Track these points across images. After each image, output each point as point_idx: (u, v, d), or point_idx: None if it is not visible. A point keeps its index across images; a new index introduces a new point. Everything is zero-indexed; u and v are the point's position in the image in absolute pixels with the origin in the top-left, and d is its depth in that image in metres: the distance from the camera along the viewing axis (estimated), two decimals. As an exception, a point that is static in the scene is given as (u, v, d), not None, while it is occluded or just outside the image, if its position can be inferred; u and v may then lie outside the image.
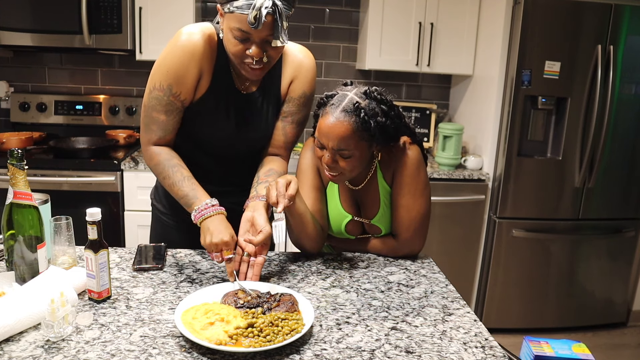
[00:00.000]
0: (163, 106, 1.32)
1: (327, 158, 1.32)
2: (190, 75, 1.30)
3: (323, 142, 1.31)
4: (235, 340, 0.97)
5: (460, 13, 2.99)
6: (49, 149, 2.78)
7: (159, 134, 1.35)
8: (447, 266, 1.85)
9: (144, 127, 1.36)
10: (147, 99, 1.33)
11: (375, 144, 1.33)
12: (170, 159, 1.34)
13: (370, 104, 1.28)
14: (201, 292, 1.15)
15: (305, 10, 3.24)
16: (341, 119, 1.26)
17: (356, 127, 1.26)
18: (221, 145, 1.44)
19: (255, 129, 1.44)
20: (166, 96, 1.31)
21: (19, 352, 0.93)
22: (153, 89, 1.31)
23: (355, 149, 1.29)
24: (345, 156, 1.30)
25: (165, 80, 1.29)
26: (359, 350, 0.99)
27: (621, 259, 2.99)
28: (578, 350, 1.46)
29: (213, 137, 1.42)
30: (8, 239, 1.14)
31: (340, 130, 1.26)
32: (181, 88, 1.30)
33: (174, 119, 1.34)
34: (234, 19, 1.18)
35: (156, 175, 1.38)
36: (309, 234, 1.40)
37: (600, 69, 2.66)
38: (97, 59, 3.14)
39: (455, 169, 2.93)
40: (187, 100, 1.34)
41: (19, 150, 1.10)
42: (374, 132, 1.28)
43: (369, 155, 1.36)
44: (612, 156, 2.81)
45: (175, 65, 1.28)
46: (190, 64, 1.28)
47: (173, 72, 1.29)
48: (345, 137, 1.26)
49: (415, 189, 1.42)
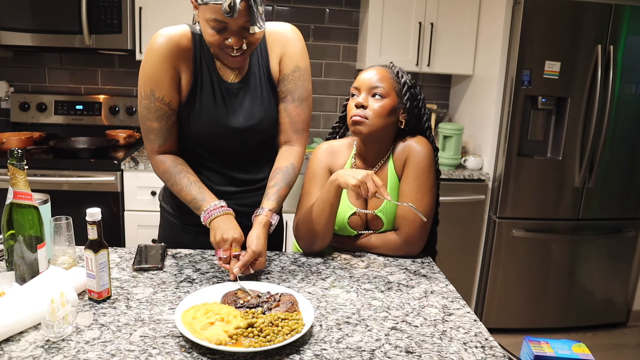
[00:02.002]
0: (153, 113, 1.33)
1: (359, 99, 1.42)
2: (167, 76, 1.31)
3: (360, 85, 1.44)
4: (235, 340, 0.96)
5: (460, 13, 2.99)
6: (49, 149, 2.78)
7: (159, 142, 1.36)
8: (447, 266, 1.85)
9: (145, 138, 1.38)
10: (139, 110, 1.36)
11: (403, 105, 1.45)
12: (175, 165, 1.36)
13: (401, 70, 1.50)
14: (201, 292, 1.15)
15: (305, 10, 3.24)
16: (378, 68, 1.47)
17: (391, 75, 1.46)
18: (225, 142, 1.41)
19: (251, 117, 1.40)
20: (152, 103, 1.32)
21: (19, 352, 0.93)
22: (141, 98, 1.34)
23: (388, 93, 1.43)
24: (379, 96, 1.42)
25: (147, 86, 1.31)
26: (359, 350, 0.99)
27: (621, 259, 2.99)
28: (578, 350, 1.47)
29: (214, 134, 1.39)
30: (8, 239, 1.14)
31: (378, 71, 1.45)
32: (162, 91, 1.31)
33: (167, 124, 1.35)
34: (209, 10, 1.18)
35: (165, 182, 1.40)
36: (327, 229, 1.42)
37: (600, 69, 2.66)
38: (97, 59, 3.15)
39: (455, 169, 2.93)
40: (174, 103, 1.34)
41: (19, 150, 1.10)
42: (404, 86, 1.45)
43: (395, 116, 1.45)
44: (612, 156, 2.81)
45: (152, 69, 1.30)
46: (163, 65, 1.29)
47: (150, 77, 1.30)
48: (382, 77, 1.44)
49: (424, 184, 1.44)
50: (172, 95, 1.33)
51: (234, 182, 1.46)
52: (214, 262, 1.39)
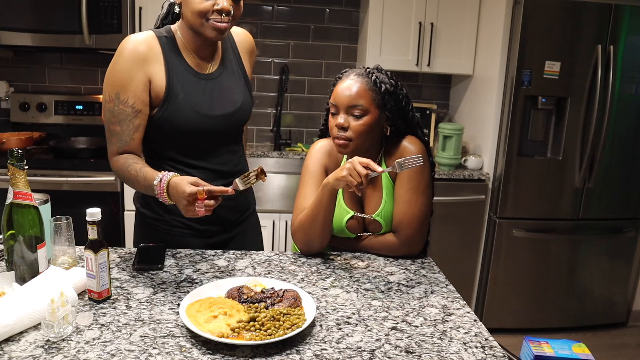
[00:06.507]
0: (115, 117, 1.34)
1: (340, 120, 1.37)
2: (134, 79, 1.32)
3: (337, 103, 1.38)
4: (237, 334, 0.98)
5: (460, 13, 2.99)
6: (49, 149, 2.78)
7: (118, 145, 1.37)
8: (447, 266, 1.85)
9: (107, 141, 1.39)
10: (103, 114, 1.38)
11: (386, 114, 1.40)
12: (126, 160, 1.35)
13: (380, 73, 1.41)
14: (206, 286, 1.17)
15: (305, 10, 3.24)
16: (354, 79, 1.39)
17: (368, 86, 1.37)
18: (208, 133, 1.41)
19: (233, 102, 1.45)
20: (116, 106, 1.33)
21: (19, 352, 0.93)
22: (105, 102, 1.35)
23: (368, 109, 1.36)
24: (358, 115, 1.36)
25: (112, 90, 1.33)
26: (359, 350, 0.99)
27: (621, 259, 2.99)
28: (578, 350, 1.47)
29: (199, 126, 1.39)
30: (8, 239, 1.14)
31: (354, 87, 1.37)
32: (128, 93, 1.32)
33: (128, 127, 1.35)
34: None
35: (123, 181, 1.39)
36: (324, 232, 1.41)
37: (600, 69, 2.66)
38: (97, 59, 3.14)
39: (456, 169, 2.93)
40: (138, 105, 1.34)
41: (19, 150, 1.10)
42: (384, 96, 1.38)
43: (378, 128, 1.41)
44: (612, 156, 2.81)
45: (118, 74, 1.33)
46: (130, 68, 1.32)
47: (116, 81, 1.33)
48: (359, 92, 1.36)
49: (419, 184, 1.43)
50: (137, 96, 1.33)
51: (216, 176, 1.45)
52: (214, 262, 1.39)
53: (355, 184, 1.26)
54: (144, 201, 1.51)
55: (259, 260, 1.42)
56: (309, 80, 3.35)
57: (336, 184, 1.32)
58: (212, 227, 1.51)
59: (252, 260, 1.42)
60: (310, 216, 1.40)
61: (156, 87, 1.35)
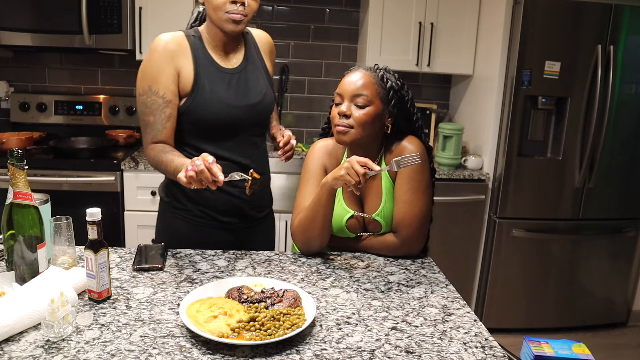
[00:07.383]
0: (148, 107, 1.44)
1: (342, 108, 1.40)
2: (165, 72, 1.42)
3: (342, 92, 1.41)
4: (237, 334, 0.98)
5: (460, 13, 2.99)
6: (49, 149, 2.78)
7: (152, 134, 1.45)
8: (447, 266, 1.85)
9: (142, 133, 1.49)
10: (137, 108, 1.48)
11: (389, 109, 1.42)
12: (163, 148, 1.43)
13: (388, 73, 1.45)
14: (206, 286, 1.17)
15: (305, 10, 3.24)
16: (362, 72, 1.42)
17: (375, 80, 1.41)
18: (233, 125, 1.49)
19: (258, 93, 1.54)
20: (149, 97, 1.43)
21: (19, 352, 0.93)
22: (139, 96, 1.46)
23: (372, 100, 1.39)
24: (362, 104, 1.38)
25: (145, 83, 1.44)
26: (359, 350, 0.99)
27: (621, 259, 2.99)
28: (578, 350, 1.47)
29: (226, 117, 1.47)
30: (8, 239, 1.14)
31: (361, 78, 1.40)
32: (159, 85, 1.42)
33: (160, 116, 1.44)
34: None
35: (155, 167, 1.45)
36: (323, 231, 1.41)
37: (600, 69, 2.66)
38: (97, 59, 3.14)
39: (455, 169, 2.93)
40: (169, 95, 1.43)
41: (19, 150, 1.10)
42: (389, 91, 1.41)
43: (380, 122, 1.42)
44: (612, 156, 2.81)
45: (151, 67, 1.43)
46: (162, 63, 1.42)
47: (149, 74, 1.43)
48: (365, 83, 1.39)
49: (419, 185, 1.43)
50: (167, 87, 1.43)
51: (235, 167, 1.49)
52: (214, 262, 1.39)
53: (354, 183, 1.26)
54: (168, 190, 1.60)
55: (259, 260, 1.42)
56: (309, 80, 3.35)
57: (334, 183, 1.32)
58: (233, 219, 1.57)
59: (252, 260, 1.42)
60: (309, 216, 1.40)
61: (184, 79, 1.45)
